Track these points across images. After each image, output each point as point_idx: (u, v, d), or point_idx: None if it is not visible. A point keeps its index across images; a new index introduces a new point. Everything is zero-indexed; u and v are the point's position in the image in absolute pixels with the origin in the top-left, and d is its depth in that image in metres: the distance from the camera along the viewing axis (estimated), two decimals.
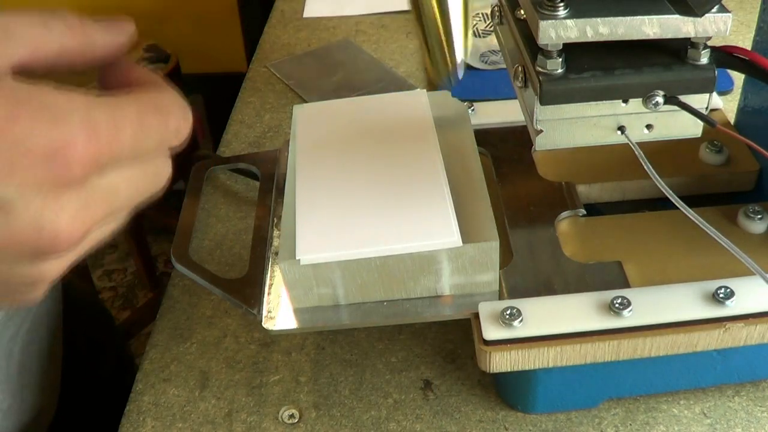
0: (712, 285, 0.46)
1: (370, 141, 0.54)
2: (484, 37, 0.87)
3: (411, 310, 0.48)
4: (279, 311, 0.49)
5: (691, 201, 0.41)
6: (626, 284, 0.49)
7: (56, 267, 0.32)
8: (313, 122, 0.56)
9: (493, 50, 0.85)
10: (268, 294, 0.50)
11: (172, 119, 0.33)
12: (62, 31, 0.32)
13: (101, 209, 0.31)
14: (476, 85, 0.81)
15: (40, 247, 0.30)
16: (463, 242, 0.46)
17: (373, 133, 0.55)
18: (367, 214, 0.48)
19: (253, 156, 0.65)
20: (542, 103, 0.39)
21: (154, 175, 0.33)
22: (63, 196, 0.29)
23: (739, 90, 0.60)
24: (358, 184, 0.50)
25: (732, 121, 0.61)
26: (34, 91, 0.28)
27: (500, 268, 0.49)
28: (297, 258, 0.46)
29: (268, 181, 0.60)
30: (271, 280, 0.51)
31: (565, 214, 0.55)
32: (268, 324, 0.48)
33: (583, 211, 0.55)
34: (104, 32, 0.34)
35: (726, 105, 0.65)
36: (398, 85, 0.83)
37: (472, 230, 0.47)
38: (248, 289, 0.51)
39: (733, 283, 0.46)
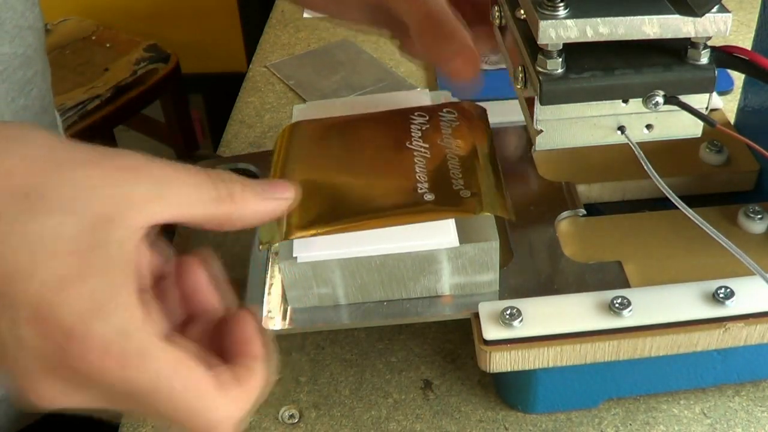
0: (712, 285, 0.46)
1: None
2: None
3: (411, 310, 0.48)
4: (279, 311, 0.49)
5: (691, 201, 0.41)
6: (626, 284, 0.49)
7: None
8: None
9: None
10: (269, 294, 0.50)
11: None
12: (214, 198, 0.32)
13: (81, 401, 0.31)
14: None
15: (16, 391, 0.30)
16: (463, 242, 0.46)
17: None
18: None
19: (253, 156, 0.64)
20: (542, 103, 0.39)
21: None
22: (55, 375, 0.29)
23: (739, 90, 0.60)
24: None
25: (732, 121, 0.61)
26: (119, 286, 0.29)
27: (500, 268, 0.49)
28: (295, 256, 0.46)
29: None
30: (271, 280, 0.51)
31: (565, 214, 0.54)
32: (268, 324, 0.48)
33: (583, 211, 0.55)
34: (259, 199, 0.34)
35: (726, 105, 0.65)
36: (398, 85, 0.83)
37: (472, 230, 0.47)
38: (248, 289, 0.51)
39: (733, 283, 0.46)
